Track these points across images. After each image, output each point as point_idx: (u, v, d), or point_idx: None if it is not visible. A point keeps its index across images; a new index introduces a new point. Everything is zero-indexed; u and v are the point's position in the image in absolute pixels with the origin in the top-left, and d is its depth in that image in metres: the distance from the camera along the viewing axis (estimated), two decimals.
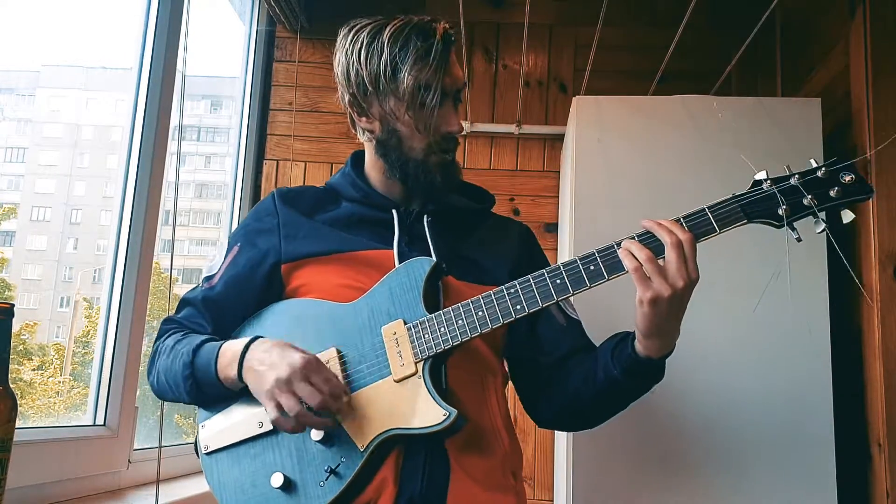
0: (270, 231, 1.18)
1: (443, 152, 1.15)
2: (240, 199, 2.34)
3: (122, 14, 1.75)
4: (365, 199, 1.20)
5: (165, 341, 1.14)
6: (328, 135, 2.42)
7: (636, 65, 2.35)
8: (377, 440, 1.02)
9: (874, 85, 1.74)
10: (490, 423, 1.11)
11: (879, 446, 1.65)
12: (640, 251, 0.97)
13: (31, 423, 1.52)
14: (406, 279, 1.08)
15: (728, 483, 1.70)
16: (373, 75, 1.11)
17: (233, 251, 1.19)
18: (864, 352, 1.73)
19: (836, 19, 1.95)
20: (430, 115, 1.11)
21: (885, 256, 1.68)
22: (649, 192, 1.83)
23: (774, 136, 1.81)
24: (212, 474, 1.11)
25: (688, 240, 0.97)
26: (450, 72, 1.12)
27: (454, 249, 1.17)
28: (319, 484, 1.03)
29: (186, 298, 1.20)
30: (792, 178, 1.00)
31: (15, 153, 1.60)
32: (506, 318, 1.03)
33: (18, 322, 1.20)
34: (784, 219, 1.00)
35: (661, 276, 0.96)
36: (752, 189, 1.01)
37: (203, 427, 1.13)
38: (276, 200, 1.20)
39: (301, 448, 1.06)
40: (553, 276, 1.02)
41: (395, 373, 1.04)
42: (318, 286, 1.13)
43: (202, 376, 1.07)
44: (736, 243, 1.75)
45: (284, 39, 2.50)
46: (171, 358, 1.11)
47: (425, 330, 1.04)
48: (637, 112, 1.91)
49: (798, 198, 1.00)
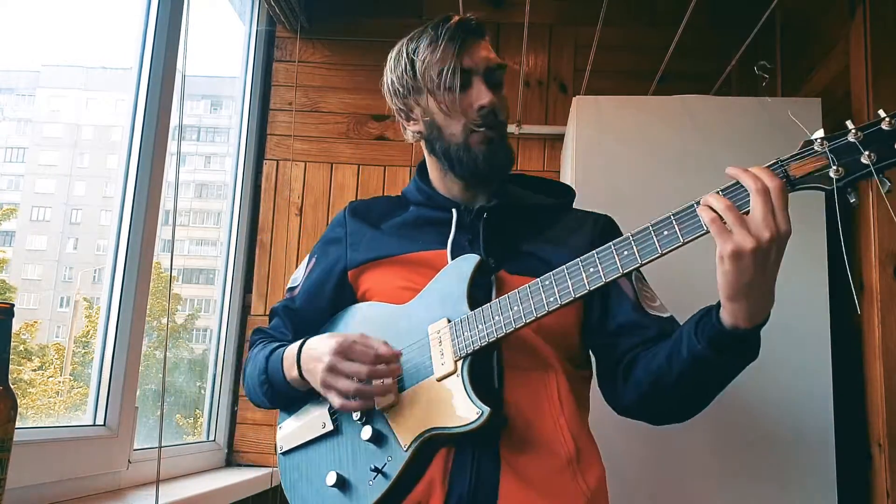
0: (339, 241, 1.25)
1: (482, 129, 1.14)
2: (240, 199, 2.34)
3: (122, 14, 1.75)
4: (428, 200, 1.23)
5: (251, 351, 1.25)
6: (328, 135, 2.42)
7: (636, 65, 2.35)
8: (419, 439, 1.02)
9: (874, 85, 1.74)
10: (552, 423, 1.06)
11: (879, 446, 1.65)
12: (719, 201, 0.87)
13: (31, 423, 1.52)
14: (454, 277, 1.09)
15: (728, 483, 1.70)
16: (401, 78, 1.17)
17: (311, 262, 1.28)
18: (864, 352, 1.73)
19: (836, 19, 1.95)
20: (455, 96, 1.12)
21: (885, 256, 1.68)
22: (649, 192, 1.83)
23: (774, 136, 1.81)
24: (284, 474, 1.19)
25: (776, 187, 0.85)
26: (473, 53, 1.13)
27: (512, 244, 1.16)
28: (368, 483, 1.05)
29: (273, 309, 1.31)
30: (849, 133, 0.85)
31: (15, 153, 1.60)
32: (539, 311, 0.99)
33: (18, 322, 1.20)
34: (833, 181, 0.85)
35: (744, 227, 0.85)
36: (801, 150, 0.88)
37: (280, 428, 1.22)
38: (346, 213, 1.28)
39: (356, 447, 1.09)
40: (587, 264, 0.96)
41: (437, 371, 1.04)
42: (380, 289, 1.18)
43: (274, 381, 1.15)
44: None
45: (284, 39, 2.50)
46: (252, 366, 1.21)
47: (465, 327, 1.04)
48: (637, 112, 1.90)
49: (854, 156, 0.84)
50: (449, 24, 1.14)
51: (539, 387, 1.08)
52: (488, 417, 0.97)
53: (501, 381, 1.06)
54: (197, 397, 2.22)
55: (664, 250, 0.91)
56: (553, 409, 1.07)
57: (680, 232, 0.90)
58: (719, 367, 0.96)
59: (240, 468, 2.18)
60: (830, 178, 0.85)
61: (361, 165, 2.40)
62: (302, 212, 2.38)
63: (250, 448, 2.24)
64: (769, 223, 0.85)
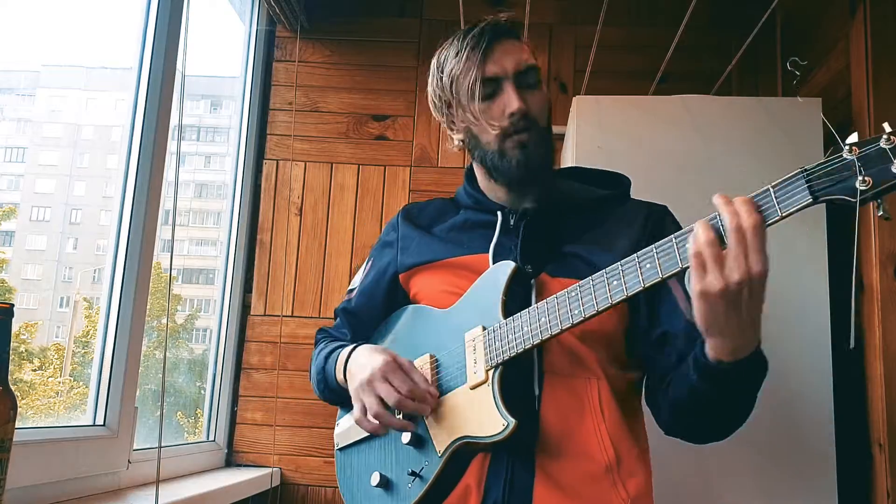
0: (392, 244, 1.28)
1: (517, 134, 1.12)
2: (240, 198, 2.34)
3: (122, 14, 1.75)
4: (476, 204, 1.23)
5: (316, 349, 1.30)
6: (328, 135, 2.42)
7: (636, 65, 2.35)
8: (452, 446, 1.04)
9: (874, 85, 1.74)
10: (593, 430, 1.04)
11: (880, 446, 1.65)
12: (704, 232, 0.84)
13: (31, 423, 1.51)
14: (490, 284, 1.09)
15: (728, 483, 1.70)
16: (438, 91, 1.19)
17: (368, 265, 1.32)
18: (865, 351, 1.73)
19: (836, 19, 1.95)
20: (484, 106, 1.12)
21: (885, 256, 1.68)
22: (649, 192, 1.83)
23: (774, 136, 1.81)
24: (340, 469, 1.24)
25: (753, 225, 0.81)
26: (492, 57, 1.12)
27: (556, 246, 1.14)
28: (408, 486, 1.08)
29: (336, 311, 1.35)
30: (881, 139, 0.77)
31: (15, 153, 1.59)
32: (565, 323, 0.97)
33: (18, 322, 1.20)
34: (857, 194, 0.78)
35: (717, 267, 0.82)
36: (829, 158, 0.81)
37: (337, 425, 1.27)
38: (399, 216, 1.31)
39: (399, 450, 1.12)
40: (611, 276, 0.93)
41: (470, 380, 1.05)
42: (427, 293, 1.21)
43: (329, 378, 1.21)
44: None
45: (284, 39, 2.50)
46: (315, 364, 1.27)
47: (497, 336, 1.04)
48: (637, 112, 1.90)
49: (884, 165, 0.77)
50: (474, 31, 1.13)
51: (579, 392, 1.06)
52: (513, 430, 0.97)
53: (542, 387, 1.06)
54: (197, 397, 2.22)
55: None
56: (594, 415, 1.05)
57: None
58: (714, 396, 0.95)
59: (240, 468, 2.18)
60: (856, 189, 0.78)
61: (361, 165, 2.40)
62: (302, 212, 2.38)
63: (250, 448, 2.24)
64: (740, 264, 0.81)
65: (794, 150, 1.76)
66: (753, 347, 0.89)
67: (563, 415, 1.05)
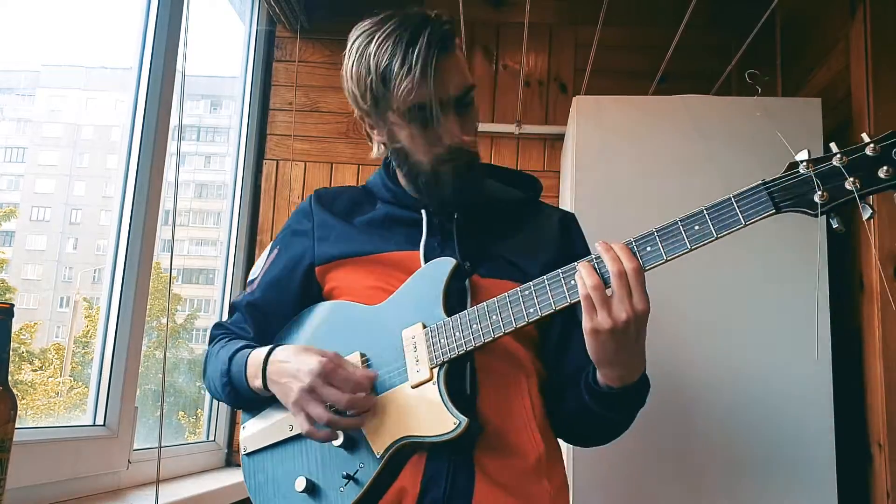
0: (305, 233, 1.19)
1: (453, 162, 1.09)
2: (240, 198, 2.34)
3: (122, 14, 1.75)
4: (395, 199, 1.18)
5: (213, 347, 1.18)
6: (328, 135, 2.42)
7: (636, 65, 2.35)
8: (393, 447, 1.00)
9: (874, 85, 1.74)
10: (524, 426, 1.06)
11: (879, 446, 1.65)
12: (590, 277, 0.92)
13: (31, 423, 1.52)
14: (428, 280, 1.06)
15: (728, 483, 1.70)
16: (365, 92, 1.07)
17: (272, 254, 1.21)
18: (865, 352, 1.73)
19: (836, 19, 1.95)
20: (427, 131, 1.07)
21: (885, 256, 1.68)
22: (649, 192, 1.83)
23: (774, 136, 1.81)
24: (248, 476, 1.14)
25: (633, 269, 0.90)
26: (446, 79, 1.04)
27: (485, 247, 1.13)
28: (339, 490, 1.02)
29: (233, 303, 1.23)
30: (834, 157, 0.85)
31: (15, 153, 1.59)
32: (519, 322, 0.98)
33: (18, 323, 1.20)
34: (819, 207, 0.85)
35: (605, 309, 0.90)
36: (787, 172, 0.88)
37: (244, 429, 1.16)
38: (312, 202, 1.21)
39: (325, 452, 1.05)
40: (568, 276, 0.96)
41: (411, 378, 1.01)
42: (349, 288, 1.13)
43: (237, 383, 1.09)
44: (736, 243, 1.75)
45: (284, 39, 2.50)
46: (213, 364, 1.15)
47: (442, 334, 1.01)
48: (637, 112, 1.90)
49: (839, 181, 0.84)
50: (421, 43, 1.01)
51: (512, 390, 1.07)
52: (466, 427, 0.95)
53: (475, 386, 1.04)
54: (197, 397, 2.22)
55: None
56: (525, 412, 1.07)
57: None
58: (605, 417, 1.04)
59: (240, 468, 2.17)
60: (815, 203, 0.85)
61: (361, 165, 2.40)
62: None
63: None
64: (626, 306, 0.90)
65: (794, 150, 1.76)
66: (640, 374, 0.99)
67: (498, 411, 1.04)
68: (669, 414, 1.73)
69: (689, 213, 0.91)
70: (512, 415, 1.06)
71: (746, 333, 1.75)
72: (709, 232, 0.89)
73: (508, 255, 1.13)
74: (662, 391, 1.72)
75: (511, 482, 1.02)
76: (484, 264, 1.11)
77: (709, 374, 1.74)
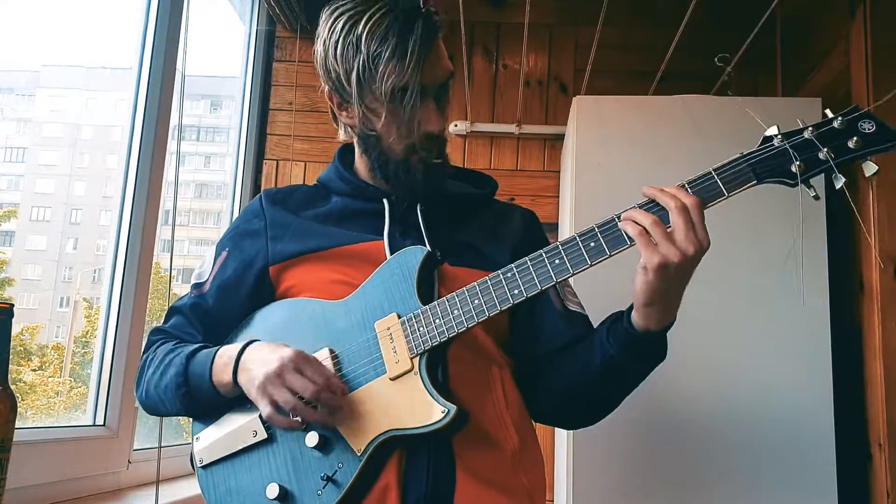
0: (257, 233, 1.14)
1: (425, 151, 1.09)
2: (240, 198, 2.34)
3: (122, 14, 1.75)
4: (355, 191, 1.16)
5: (155, 352, 1.11)
6: (328, 135, 2.42)
7: (636, 65, 2.35)
8: (375, 442, 0.96)
9: (874, 85, 1.74)
10: (496, 418, 1.04)
11: (879, 446, 1.65)
12: (645, 217, 0.91)
13: (31, 423, 1.52)
14: (398, 270, 1.03)
15: (728, 483, 1.70)
16: (349, 72, 1.04)
17: (221, 256, 1.16)
18: (864, 352, 1.73)
19: (836, 19, 1.95)
20: (407, 117, 1.05)
21: (885, 256, 1.68)
22: None
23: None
24: (208, 489, 1.06)
25: (693, 203, 0.90)
26: (429, 68, 1.04)
27: (450, 236, 1.12)
28: (317, 493, 0.97)
29: (175, 307, 1.17)
30: (805, 130, 0.92)
31: (15, 153, 1.60)
32: (503, 304, 0.96)
33: (18, 323, 1.20)
34: (797, 176, 0.90)
35: (669, 241, 0.89)
36: (762, 146, 0.94)
37: (198, 439, 1.09)
38: (262, 201, 1.17)
39: (297, 456, 1.01)
40: (552, 256, 0.95)
41: (390, 370, 0.98)
42: (310, 285, 1.09)
43: (196, 384, 1.03)
44: (735, 237, 1.75)
45: (284, 39, 2.50)
46: (161, 369, 1.07)
47: (420, 323, 0.99)
48: (637, 112, 1.91)
49: (813, 152, 0.91)
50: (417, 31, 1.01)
51: (482, 380, 1.06)
52: (455, 415, 0.93)
53: (446, 375, 1.02)
54: None
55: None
56: (497, 401, 1.05)
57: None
58: (630, 371, 1.02)
59: None
60: (794, 172, 0.91)
61: None
62: None
63: None
64: (692, 238, 0.89)
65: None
66: (675, 315, 0.97)
67: (470, 403, 1.01)
68: (669, 414, 1.73)
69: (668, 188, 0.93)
70: (485, 407, 1.04)
71: (746, 333, 1.75)
72: None
73: (475, 244, 1.13)
74: (662, 390, 1.72)
75: (490, 474, 1.01)
76: (452, 253, 1.09)
77: (708, 374, 1.74)
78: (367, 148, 1.13)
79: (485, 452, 1.02)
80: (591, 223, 0.96)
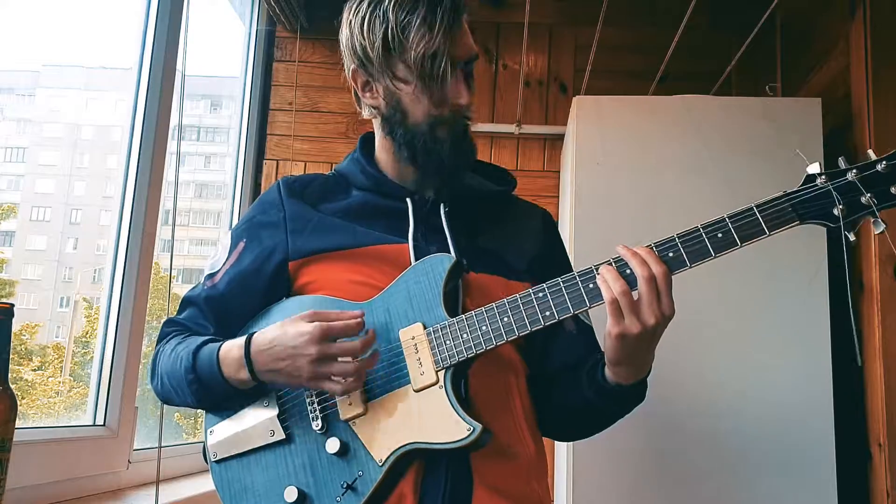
0: (276, 225, 1.10)
1: (451, 124, 1.06)
2: (240, 198, 2.34)
3: (122, 14, 1.75)
4: (376, 186, 1.12)
5: (166, 345, 1.09)
6: (328, 135, 2.42)
7: (636, 65, 2.35)
8: (397, 453, 0.95)
9: (874, 85, 1.74)
10: (515, 428, 1.04)
11: (879, 446, 1.65)
12: (616, 282, 0.91)
13: (31, 423, 1.52)
14: (424, 278, 1.00)
15: (728, 483, 1.70)
16: (376, 45, 1.03)
17: (238, 247, 1.12)
18: (865, 352, 1.73)
19: (836, 19, 1.95)
20: (437, 86, 1.03)
21: (886, 256, 1.68)
22: (649, 192, 1.83)
23: (774, 136, 1.81)
24: (222, 485, 1.05)
25: (661, 273, 0.90)
26: (459, 40, 1.03)
27: (473, 241, 1.10)
28: (336, 500, 0.96)
29: (188, 298, 1.13)
30: (849, 172, 0.91)
31: (15, 153, 1.60)
32: (534, 325, 0.95)
33: (18, 322, 1.20)
34: (840, 220, 0.90)
35: (633, 314, 0.90)
36: (804, 186, 0.92)
37: (211, 433, 1.06)
38: (281, 191, 1.13)
39: (315, 460, 0.99)
40: (585, 279, 0.94)
41: (415, 381, 0.96)
42: (329, 283, 1.06)
43: (208, 379, 1.00)
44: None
45: (284, 39, 2.50)
46: (172, 362, 1.05)
47: (447, 335, 0.97)
48: (637, 112, 1.91)
49: (855, 196, 0.90)
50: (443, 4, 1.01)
51: (501, 392, 1.05)
52: (480, 434, 0.92)
53: (468, 389, 1.00)
54: None
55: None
56: (516, 412, 1.05)
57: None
58: (608, 412, 1.06)
59: None
60: (836, 216, 0.91)
61: None
62: None
63: None
64: (654, 310, 0.90)
65: (792, 151, 1.76)
66: (647, 370, 1.00)
67: (490, 413, 1.00)
68: (669, 414, 1.73)
69: (710, 221, 0.93)
70: (504, 416, 1.03)
71: (747, 333, 1.75)
72: (733, 240, 0.92)
73: (496, 250, 1.11)
74: (663, 392, 1.72)
75: (507, 485, 1.01)
76: (477, 260, 1.07)
77: (709, 374, 1.74)
78: (393, 127, 1.09)
79: (502, 464, 1.01)
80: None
